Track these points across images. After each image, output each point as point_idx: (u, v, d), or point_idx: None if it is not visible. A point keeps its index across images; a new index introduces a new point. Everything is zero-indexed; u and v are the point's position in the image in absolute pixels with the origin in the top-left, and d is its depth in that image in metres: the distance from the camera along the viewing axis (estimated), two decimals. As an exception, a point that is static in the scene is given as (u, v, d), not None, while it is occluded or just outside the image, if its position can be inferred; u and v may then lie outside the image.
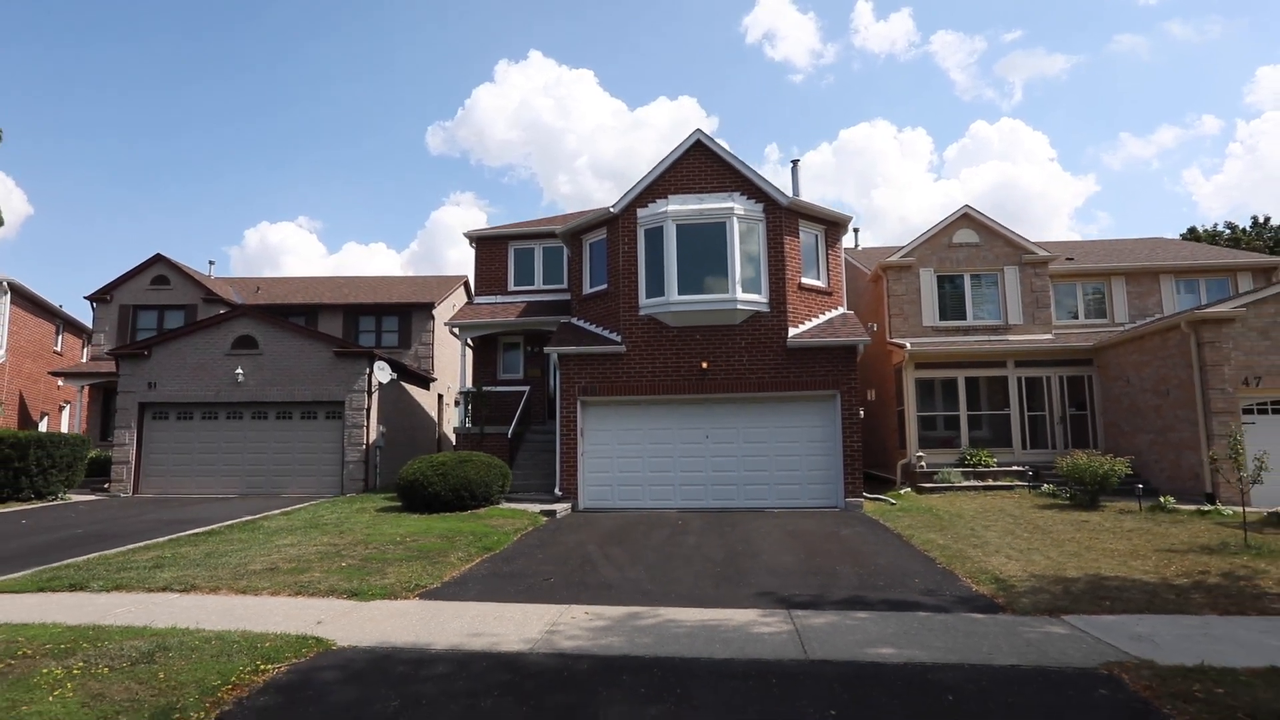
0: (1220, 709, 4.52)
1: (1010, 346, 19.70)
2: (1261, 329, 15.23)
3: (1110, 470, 14.54)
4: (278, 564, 9.26)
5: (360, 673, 5.43)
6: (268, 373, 20.06)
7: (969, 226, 21.33)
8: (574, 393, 16.02)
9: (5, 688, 4.77)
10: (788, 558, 10.05)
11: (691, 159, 16.39)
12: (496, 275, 21.28)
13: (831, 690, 5.03)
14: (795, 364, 15.66)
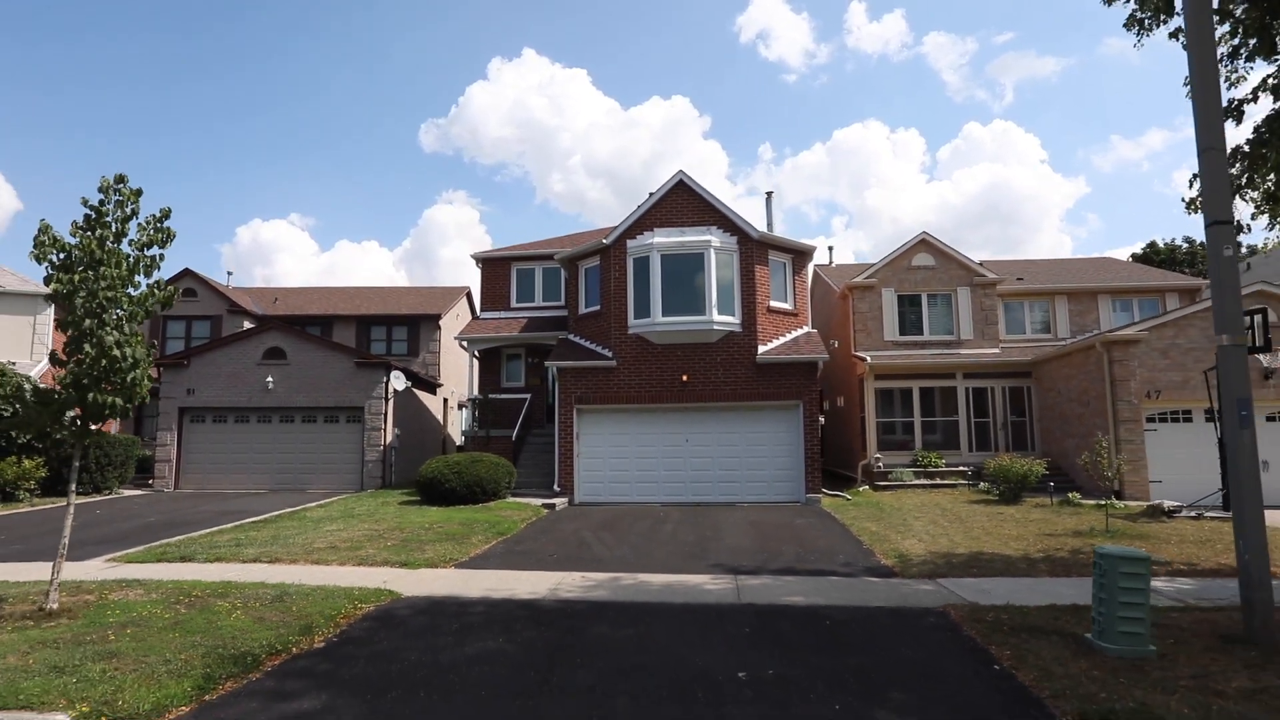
0: (996, 625, 6.90)
1: (960, 360, 22.12)
2: (1162, 349, 17.67)
3: (1029, 470, 16.97)
4: (336, 544, 11.59)
5: (424, 610, 7.78)
6: (295, 381, 22.35)
7: (926, 251, 23.73)
8: (571, 401, 18.37)
9: (198, 613, 7.10)
10: (746, 541, 12.41)
11: (674, 196, 18.75)
12: (500, 293, 23.61)
13: (750, 619, 7.41)
14: (764, 377, 18.04)
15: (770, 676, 5.76)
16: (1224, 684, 5.33)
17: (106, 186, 7.35)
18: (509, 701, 5.28)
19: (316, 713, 5.08)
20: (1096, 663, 5.86)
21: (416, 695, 5.38)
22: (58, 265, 7.20)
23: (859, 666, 5.97)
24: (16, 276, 27.15)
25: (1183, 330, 17.65)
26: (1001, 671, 5.81)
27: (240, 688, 5.52)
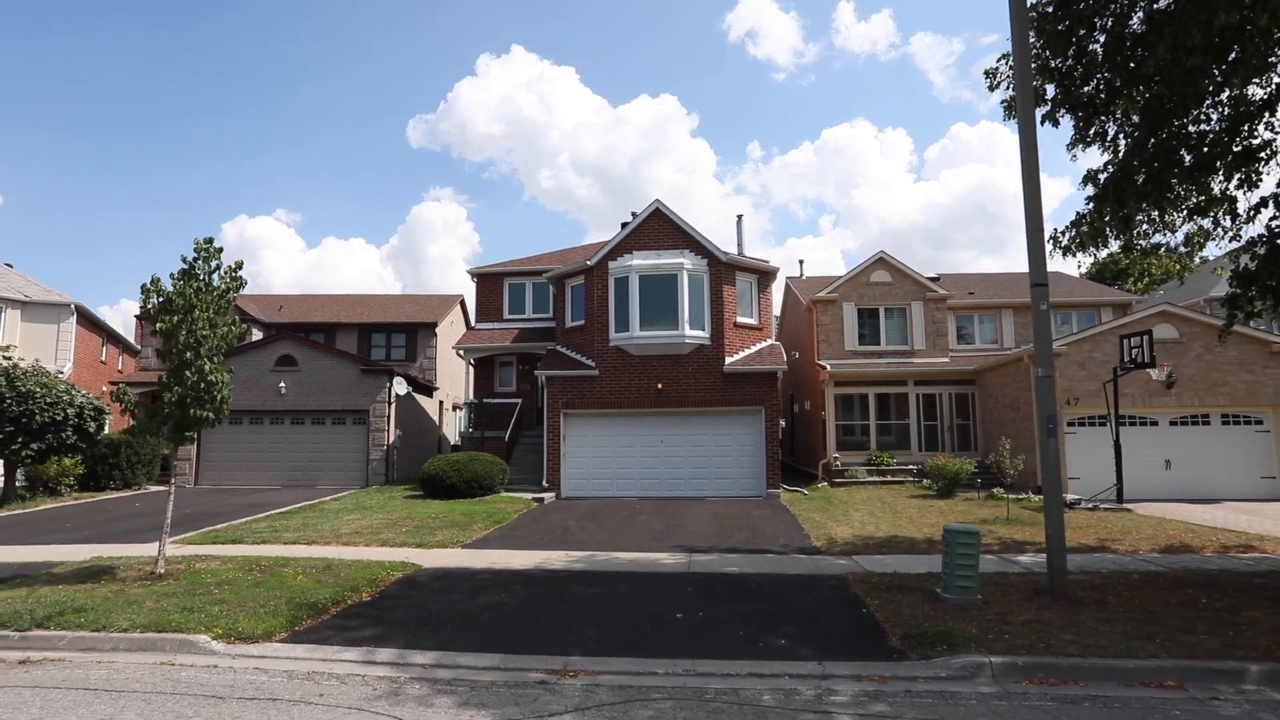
0: (878, 585, 9.15)
1: (912, 369, 24.45)
2: (1080, 362, 20.02)
3: (960, 469, 19.28)
4: (359, 530, 13.74)
5: (441, 576, 9.96)
6: (305, 386, 24.40)
7: (884, 268, 26.05)
8: (558, 406, 20.54)
9: (270, 577, 9.26)
10: (706, 528, 14.64)
11: (652, 223, 20.95)
12: (494, 305, 25.75)
13: (693, 582, 9.63)
14: (730, 385, 20.27)
15: (699, 617, 7.98)
16: (1013, 618, 7.59)
17: (199, 248, 9.48)
18: (511, 632, 7.47)
19: (376, 638, 7.26)
20: (936, 608, 8.10)
21: (445, 627, 7.58)
22: (159, 308, 9.33)
23: (765, 611, 8.20)
24: (41, 287, 29.11)
25: (1098, 345, 19.99)
26: (866, 614, 8.06)
27: (317, 623, 7.69)
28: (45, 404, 17.35)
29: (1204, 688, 5.94)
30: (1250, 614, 7.57)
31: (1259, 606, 7.86)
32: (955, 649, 6.66)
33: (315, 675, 6.31)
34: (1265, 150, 10.08)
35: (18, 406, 16.94)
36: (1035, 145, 9.05)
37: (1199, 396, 19.67)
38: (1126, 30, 9.33)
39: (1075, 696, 5.81)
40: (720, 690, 5.99)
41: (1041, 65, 10.14)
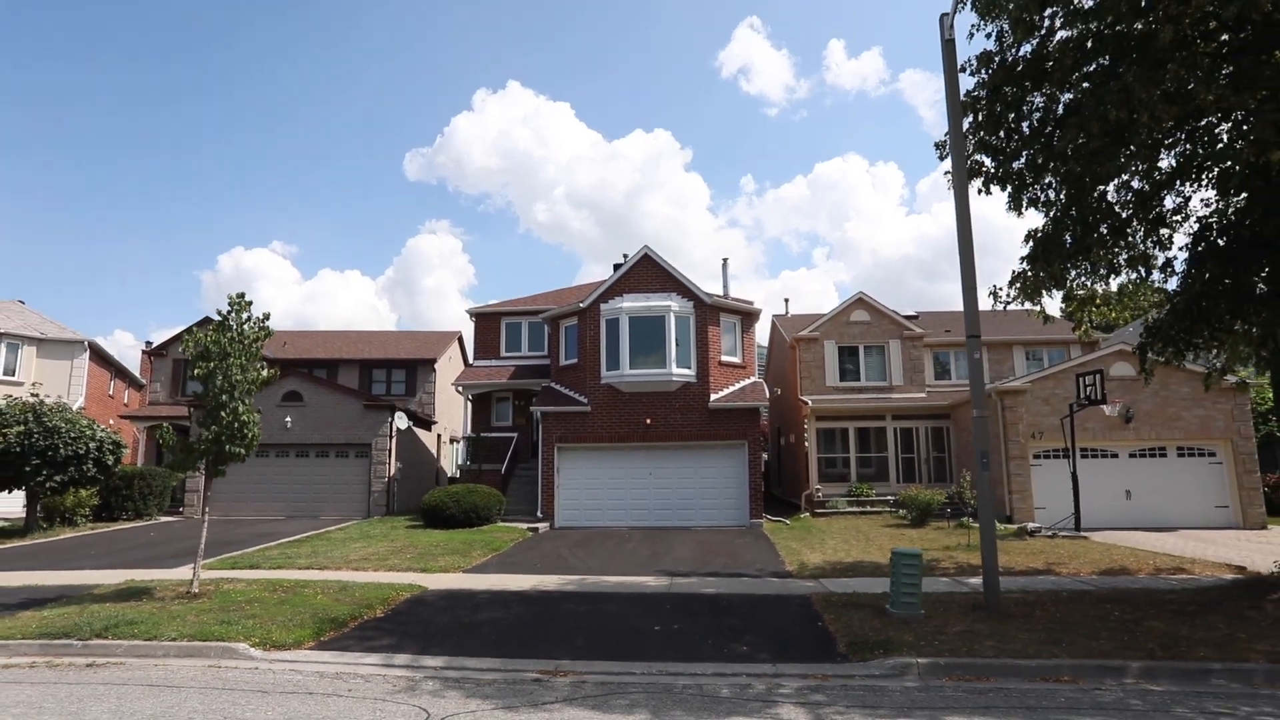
0: (837, 603, 10.26)
1: (890, 404, 25.68)
2: (1044, 398, 21.29)
3: (931, 499, 20.41)
4: (367, 556, 14.80)
5: (446, 596, 11.04)
6: (310, 420, 25.50)
7: (863, 308, 27.41)
8: (552, 440, 21.68)
9: (292, 596, 10.34)
10: (689, 554, 15.72)
11: (641, 267, 22.30)
12: (491, 343, 27.00)
13: (673, 601, 10.73)
14: (715, 421, 21.46)
15: (675, 629, 9.09)
16: (948, 629, 8.72)
17: (232, 302, 10.73)
18: (510, 641, 8.57)
19: (392, 645, 8.35)
20: (883, 621, 9.21)
21: (451, 638, 8.68)
22: (197, 356, 10.52)
23: (734, 625, 9.32)
24: (55, 325, 30.31)
25: (1060, 382, 21.28)
26: (821, 626, 9.18)
27: (339, 635, 8.78)
28: (70, 438, 18.43)
29: (1092, 682, 7.07)
30: (1150, 624, 8.72)
31: (1160, 618, 9.01)
32: (890, 653, 7.78)
33: (342, 675, 7.41)
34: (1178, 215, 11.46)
35: (44, 441, 18.02)
36: (968, 216, 10.37)
37: (1155, 430, 20.91)
38: (1046, 115, 10.73)
39: (983, 689, 6.94)
40: (686, 685, 7.10)
41: (979, 141, 11.53)
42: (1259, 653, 7.45)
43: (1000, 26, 11.11)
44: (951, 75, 10.70)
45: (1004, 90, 11.00)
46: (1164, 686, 6.97)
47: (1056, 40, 10.93)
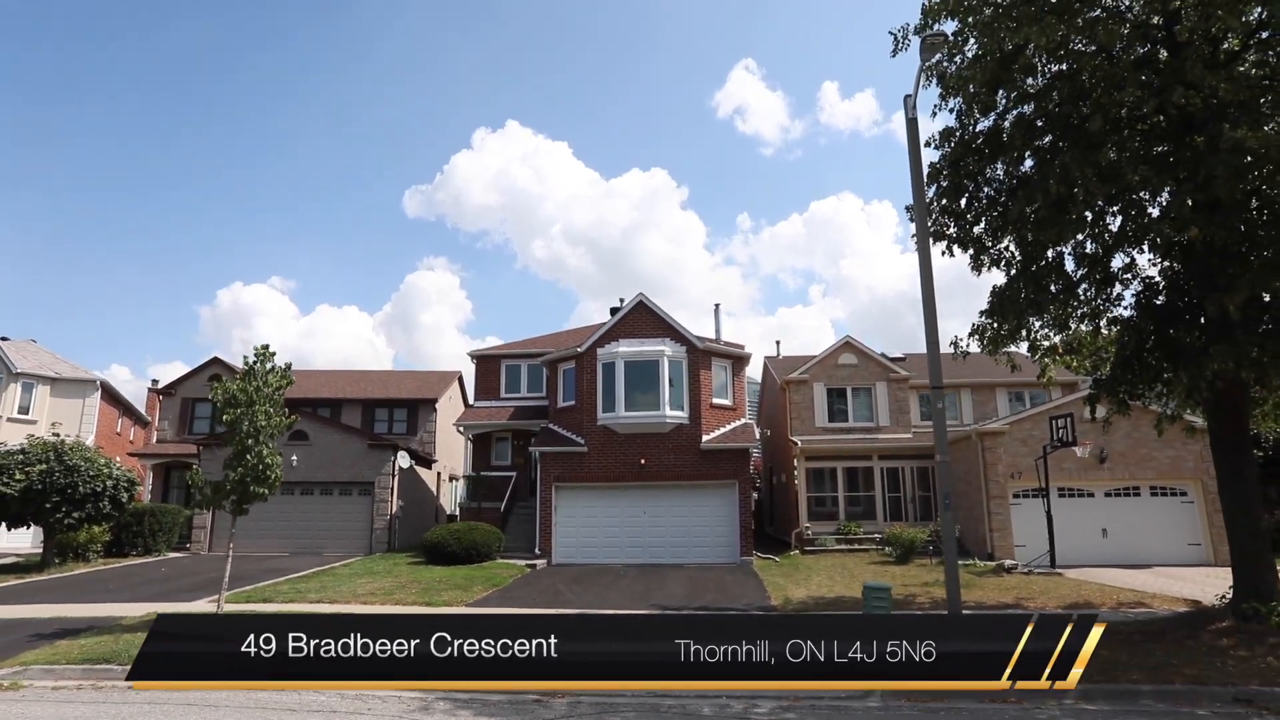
0: (812, 634, 11.06)
1: (876, 444, 26.58)
2: (1022, 439, 22.22)
3: (915, 537, 21.21)
4: (373, 590, 15.56)
5: (451, 628, 11.81)
6: (316, 459, 26.30)
7: (850, 352, 28.46)
8: (550, 480, 22.51)
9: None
10: (681, 590, 16.48)
11: (636, 314, 23.37)
12: (491, 385, 27.96)
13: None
14: (707, 461, 22.33)
15: (663, 657, 9.88)
16: (912, 656, 9.52)
17: (258, 353, 11.70)
18: (511, 667, 9.36)
19: (404, 671, 9.14)
20: (855, 649, 10.02)
21: (458, 664, 9.46)
22: (225, 402, 11.46)
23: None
24: (69, 364, 31.22)
25: (1037, 424, 22.22)
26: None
27: (355, 661, 9.56)
28: (88, 476, 19.25)
29: (1034, 703, 7.91)
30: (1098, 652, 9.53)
31: (1108, 647, 9.80)
32: (857, 677, 8.60)
33: (363, 696, 8.22)
34: (1128, 273, 12.54)
35: (64, 479, 18.83)
36: (931, 279, 11.40)
37: (1129, 470, 21.81)
38: (1001, 185, 11.87)
39: (936, 709, 7.78)
40: (671, 705, 7.93)
41: (943, 208, 12.65)
42: (1184, 676, 8.30)
43: (960, 106, 12.31)
44: (915, 149, 11.83)
45: (963, 162, 12.15)
46: (1097, 706, 7.81)
47: (1011, 118, 12.14)
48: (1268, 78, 9.91)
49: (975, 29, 11.64)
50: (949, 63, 12.19)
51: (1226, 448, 11.19)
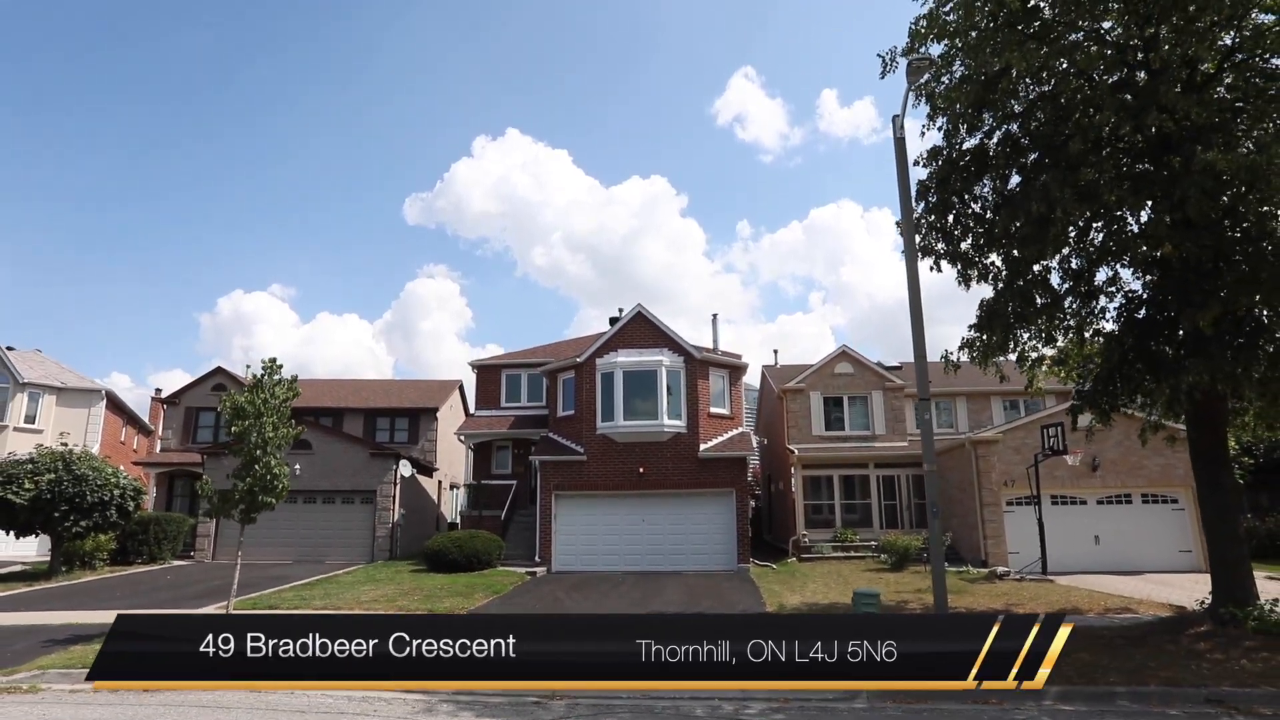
0: (804, 638, 11.38)
1: (873, 453, 26.89)
2: (1015, 447, 22.54)
3: (909, 545, 21.51)
4: (376, 598, 15.87)
5: (453, 634, 12.13)
6: (318, 468, 26.62)
7: (846, 361, 28.80)
8: (550, 488, 22.84)
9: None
10: (678, 597, 16.79)
11: (634, 325, 23.74)
12: (492, 394, 28.31)
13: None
14: (705, 470, 22.65)
15: (659, 661, 10.20)
16: (899, 660, 9.84)
17: (266, 366, 12.08)
18: (512, 670, 9.68)
19: (408, 674, 9.46)
20: (845, 653, 10.34)
21: (460, 668, 9.78)
22: (233, 414, 11.81)
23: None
24: (74, 374, 31.59)
25: (1030, 433, 22.54)
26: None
27: (361, 665, 9.88)
28: (96, 485, 19.58)
29: (1013, 704, 8.22)
30: (1078, 655, 9.85)
31: (1090, 650, 10.15)
32: (845, 679, 8.92)
33: (369, 698, 8.54)
34: (1112, 286, 12.88)
35: (73, 488, 19.16)
36: (919, 293, 11.76)
37: (1120, 478, 22.13)
38: (987, 203, 12.25)
39: (920, 710, 8.09)
40: (666, 706, 8.25)
41: (930, 224, 13.01)
42: (1160, 678, 8.62)
43: (947, 125, 12.69)
44: (903, 168, 12.21)
45: (951, 180, 12.52)
46: (1074, 707, 8.13)
47: (996, 137, 12.53)
48: (1241, 99, 10.29)
49: (961, 51, 12.05)
50: (936, 83, 12.57)
51: (1206, 458, 11.52)
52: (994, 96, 11.62)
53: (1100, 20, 11.20)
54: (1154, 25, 10.26)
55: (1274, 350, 10.16)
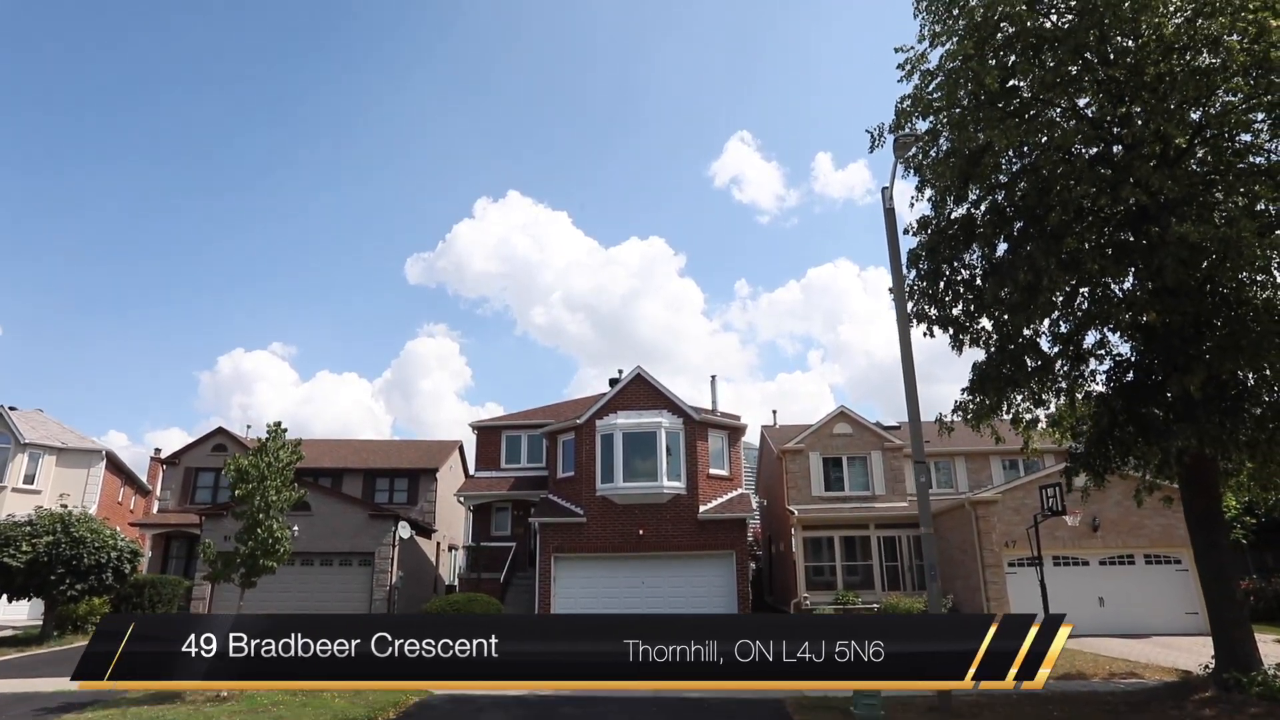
0: (809, 706, 11.29)
1: (873, 514, 26.79)
2: (1014, 507, 22.52)
3: (911, 608, 21.30)
4: None
5: (450, 700, 12.04)
6: (317, 529, 26.47)
7: (845, 421, 28.94)
8: (549, 550, 22.73)
9: (312, 699, 11.35)
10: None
11: (634, 386, 23.99)
12: (492, 455, 28.38)
13: (660, 704, 11.74)
14: (704, 531, 22.60)
15: (659, 729, 10.15)
16: (901, 727, 9.79)
17: (270, 430, 12.26)
18: (510, 739, 9.63)
19: (406, 743, 9.41)
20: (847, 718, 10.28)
21: (458, 736, 9.73)
22: (237, 478, 11.95)
23: (712, 724, 10.37)
24: (75, 434, 31.68)
25: (1029, 492, 22.55)
26: (790, 725, 10.24)
27: (358, 734, 9.83)
28: (94, 548, 19.51)
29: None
30: (1081, 723, 9.82)
31: (1094, 717, 10.09)
32: (846, 747, 8.87)
33: None
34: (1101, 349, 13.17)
35: (70, 551, 19.09)
36: (911, 359, 12.04)
37: (1122, 539, 22.06)
38: (975, 271, 12.64)
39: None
40: None
41: (921, 291, 13.38)
42: (1162, 746, 8.57)
43: (934, 196, 13.18)
44: (893, 238, 12.64)
45: (940, 249, 12.94)
46: (1077, 775, 8.07)
47: (983, 207, 13.00)
48: (1212, 173, 10.76)
49: (946, 126, 12.61)
50: (924, 157, 13.11)
51: (1200, 520, 11.62)
52: (979, 170, 12.11)
53: (1076, 98, 11.78)
54: (1126, 104, 10.79)
55: (1260, 413, 10.39)
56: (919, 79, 12.88)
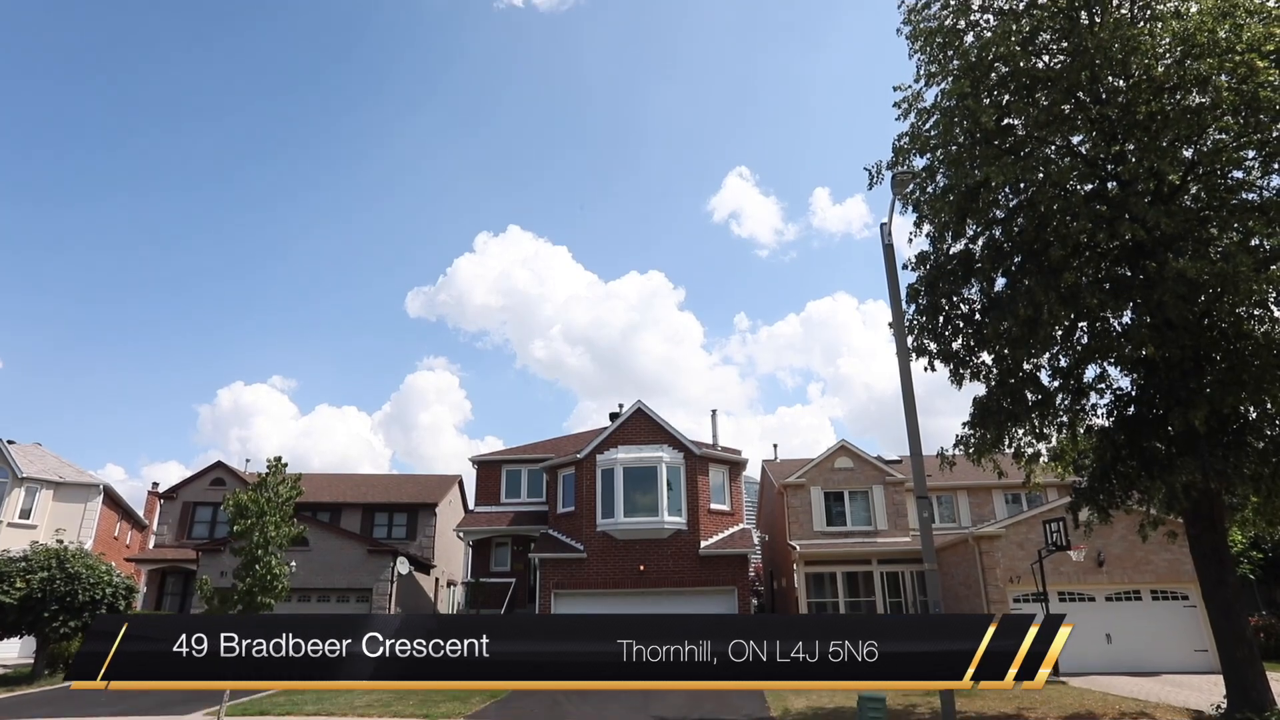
0: None
1: (875, 548, 26.56)
2: (1018, 542, 22.34)
3: (916, 645, 20.99)
4: (370, 702, 15.42)
5: None
6: (315, 565, 26.24)
7: (846, 456, 28.83)
8: (549, 586, 22.50)
9: None
10: (680, 700, 16.23)
11: (634, 421, 23.95)
12: (492, 490, 28.22)
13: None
14: (706, 566, 22.39)
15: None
16: (908, 768, 9.60)
17: (270, 465, 12.23)
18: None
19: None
20: (852, 762, 10.09)
21: (457, 778, 9.53)
22: (235, 513, 11.89)
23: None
24: (73, 468, 31.54)
25: (1033, 527, 22.37)
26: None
27: (354, 776, 9.63)
28: (89, 584, 19.29)
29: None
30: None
31: (1103, 758, 9.90)
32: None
33: None
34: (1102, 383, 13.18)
35: (65, 587, 18.88)
36: (912, 394, 12.04)
37: (1127, 574, 21.83)
38: (974, 306, 12.71)
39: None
40: None
41: (921, 326, 13.43)
42: (1174, 788, 8.40)
43: (933, 232, 13.30)
44: (892, 274, 12.71)
45: (939, 284, 13.02)
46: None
47: (981, 241, 13.11)
48: (1206, 209, 10.88)
49: (943, 163, 12.79)
50: (922, 193, 13.26)
51: (1207, 555, 11.53)
52: (976, 205, 12.25)
53: (1070, 135, 11.96)
54: (1120, 142, 10.96)
55: (1263, 447, 10.37)
56: (916, 117, 13.10)
